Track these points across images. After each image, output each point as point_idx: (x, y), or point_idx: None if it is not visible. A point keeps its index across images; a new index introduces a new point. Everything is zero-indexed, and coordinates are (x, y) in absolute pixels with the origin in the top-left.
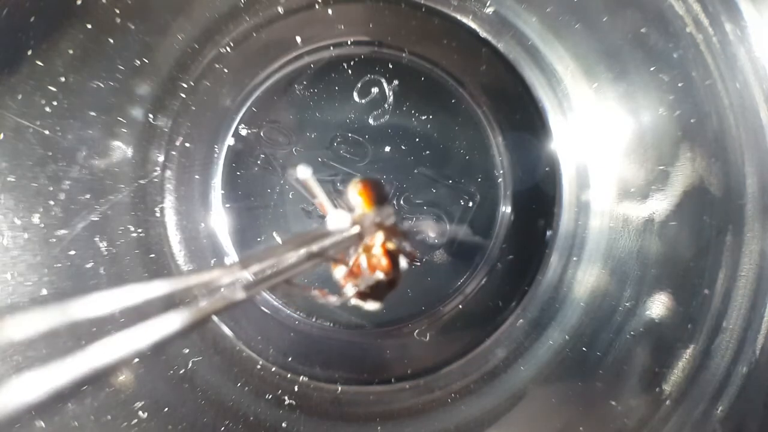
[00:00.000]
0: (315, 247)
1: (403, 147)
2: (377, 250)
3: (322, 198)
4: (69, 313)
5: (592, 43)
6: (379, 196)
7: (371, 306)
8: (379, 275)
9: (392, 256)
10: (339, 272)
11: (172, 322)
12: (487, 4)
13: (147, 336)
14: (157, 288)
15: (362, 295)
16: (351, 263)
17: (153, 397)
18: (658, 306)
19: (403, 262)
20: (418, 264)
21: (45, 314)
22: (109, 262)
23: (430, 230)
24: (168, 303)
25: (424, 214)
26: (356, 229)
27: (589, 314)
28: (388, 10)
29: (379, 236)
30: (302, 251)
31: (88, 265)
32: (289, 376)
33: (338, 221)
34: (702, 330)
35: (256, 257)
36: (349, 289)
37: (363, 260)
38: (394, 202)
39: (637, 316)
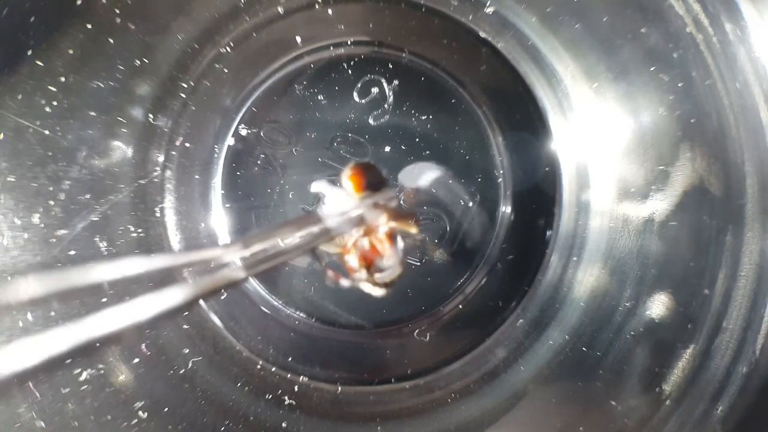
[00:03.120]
0: (316, 229)
1: (403, 147)
2: (380, 234)
3: (335, 195)
4: (68, 282)
5: (592, 43)
6: (374, 181)
7: (378, 291)
8: (389, 260)
9: (393, 241)
10: (351, 259)
11: (174, 297)
12: (487, 4)
13: (148, 309)
14: (159, 261)
15: (373, 280)
16: (350, 245)
17: (153, 397)
18: (658, 306)
19: (400, 245)
20: (418, 262)
21: (54, 278)
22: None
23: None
24: (169, 279)
25: (424, 213)
26: (357, 212)
27: (589, 314)
28: (388, 10)
29: (382, 220)
30: (303, 233)
31: None
32: (289, 376)
33: (337, 203)
34: (702, 330)
35: (257, 238)
36: (362, 274)
37: (365, 243)
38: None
39: (637, 316)
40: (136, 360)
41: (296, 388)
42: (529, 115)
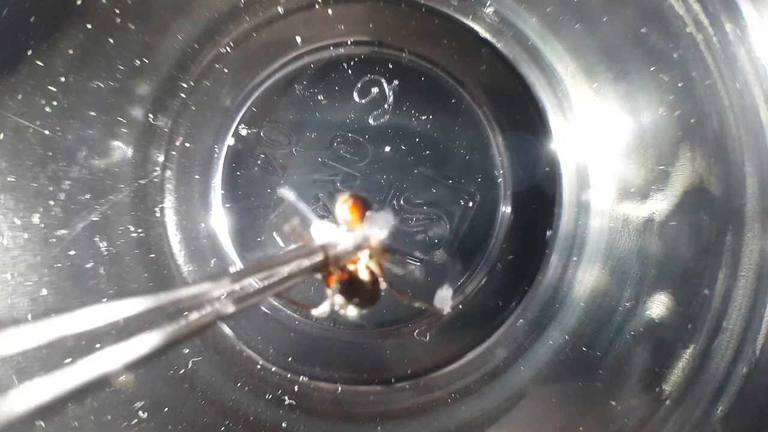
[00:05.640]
0: (306, 262)
1: (403, 147)
2: (360, 267)
3: (306, 214)
4: (60, 327)
5: (592, 43)
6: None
7: (353, 312)
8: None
9: (373, 275)
10: (334, 289)
11: (159, 336)
12: (487, 4)
13: (136, 349)
14: (147, 302)
15: (350, 303)
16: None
17: (153, 397)
18: (658, 306)
19: (383, 283)
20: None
21: (36, 328)
22: (109, 262)
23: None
24: (158, 315)
25: (424, 217)
26: (347, 244)
27: (589, 314)
28: (388, 10)
29: (364, 253)
30: (293, 265)
31: (88, 265)
32: (289, 376)
33: (325, 235)
34: (702, 330)
35: (247, 271)
36: (336, 300)
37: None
38: (392, 207)
39: (637, 316)
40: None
41: (296, 388)
42: (529, 115)
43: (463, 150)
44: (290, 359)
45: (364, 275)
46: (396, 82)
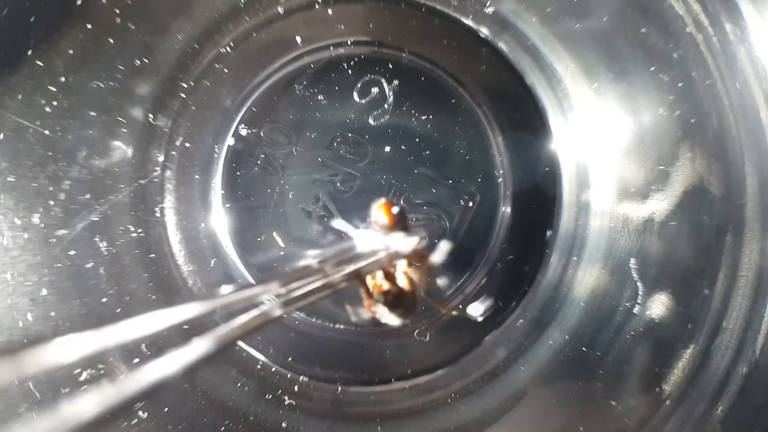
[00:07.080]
0: (350, 268)
1: (403, 147)
2: (399, 275)
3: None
4: (107, 338)
5: (592, 43)
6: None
7: (395, 320)
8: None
9: (411, 283)
10: (381, 310)
11: (210, 342)
12: (487, 4)
13: (187, 357)
14: (196, 308)
15: (391, 309)
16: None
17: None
18: (658, 306)
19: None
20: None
21: (85, 337)
22: (109, 262)
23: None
24: (207, 320)
25: (425, 215)
26: (388, 251)
27: (589, 314)
28: (388, 10)
29: (402, 262)
30: (337, 271)
31: (88, 265)
32: (289, 376)
33: (369, 242)
34: (702, 330)
35: (293, 275)
36: (379, 304)
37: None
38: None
39: (637, 316)
40: (136, 360)
41: (296, 388)
42: (529, 115)
43: (463, 150)
44: (290, 359)
45: (402, 283)
46: (396, 82)
